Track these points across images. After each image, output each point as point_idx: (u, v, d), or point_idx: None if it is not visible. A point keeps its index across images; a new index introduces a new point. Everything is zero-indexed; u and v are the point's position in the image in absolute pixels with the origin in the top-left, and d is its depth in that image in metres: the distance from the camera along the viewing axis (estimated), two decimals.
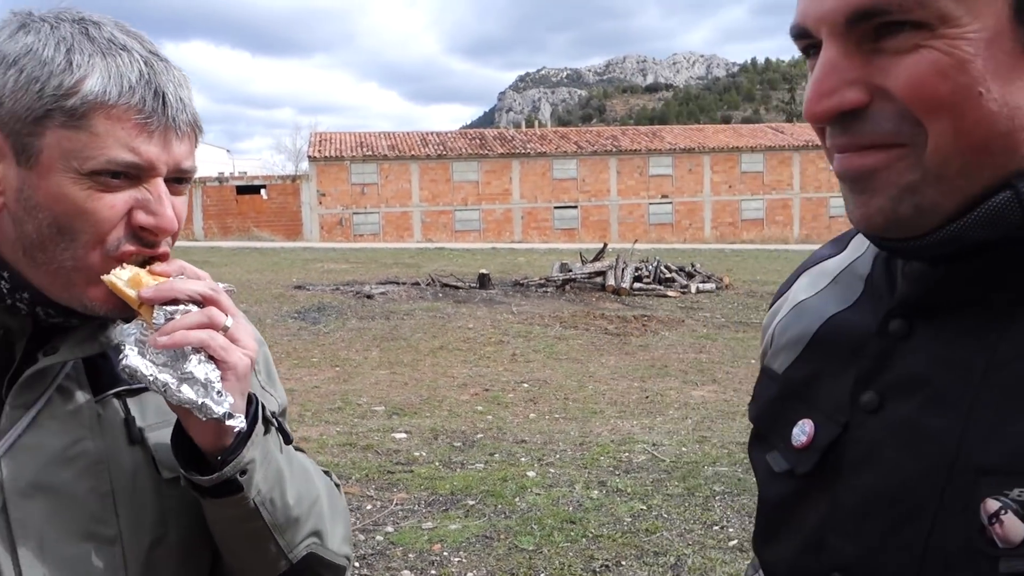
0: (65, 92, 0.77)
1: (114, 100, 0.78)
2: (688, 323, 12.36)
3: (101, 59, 0.79)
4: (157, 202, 0.81)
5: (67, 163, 0.78)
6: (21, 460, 0.80)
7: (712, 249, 31.23)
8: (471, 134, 46.46)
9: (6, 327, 0.84)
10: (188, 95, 0.84)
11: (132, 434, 0.88)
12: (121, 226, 0.81)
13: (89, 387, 0.87)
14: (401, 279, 16.69)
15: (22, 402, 0.82)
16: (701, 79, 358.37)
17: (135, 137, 0.79)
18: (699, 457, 5.62)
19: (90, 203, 0.79)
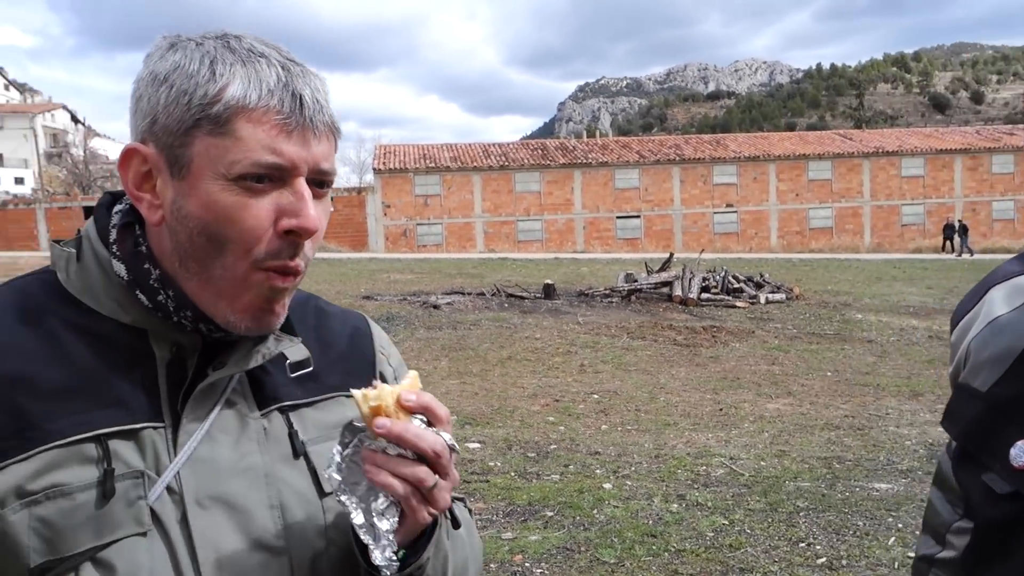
0: (210, 100, 0.80)
1: (254, 103, 0.80)
2: (759, 334, 12.13)
3: (241, 67, 0.81)
4: (299, 202, 0.82)
5: (214, 169, 0.80)
6: (198, 472, 0.83)
7: (779, 259, 30.63)
8: (533, 144, 46.57)
9: (179, 344, 0.86)
10: (325, 98, 0.85)
11: (296, 448, 0.90)
12: (268, 236, 0.81)
13: (254, 401, 0.89)
14: (466, 289, 16.80)
15: (196, 416, 0.84)
16: (764, 86, 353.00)
17: (275, 137, 0.80)
18: (779, 472, 5.50)
19: (237, 209, 0.81)
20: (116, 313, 0.85)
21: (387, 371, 1.07)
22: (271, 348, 0.89)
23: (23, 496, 0.76)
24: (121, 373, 0.83)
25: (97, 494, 0.77)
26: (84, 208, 39.79)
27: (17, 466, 0.76)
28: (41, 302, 0.86)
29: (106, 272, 0.86)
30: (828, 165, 42.91)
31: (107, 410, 0.80)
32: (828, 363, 9.97)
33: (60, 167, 68.40)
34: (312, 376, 0.95)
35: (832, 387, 8.62)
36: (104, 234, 0.87)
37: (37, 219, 39.40)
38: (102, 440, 0.79)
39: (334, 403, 0.96)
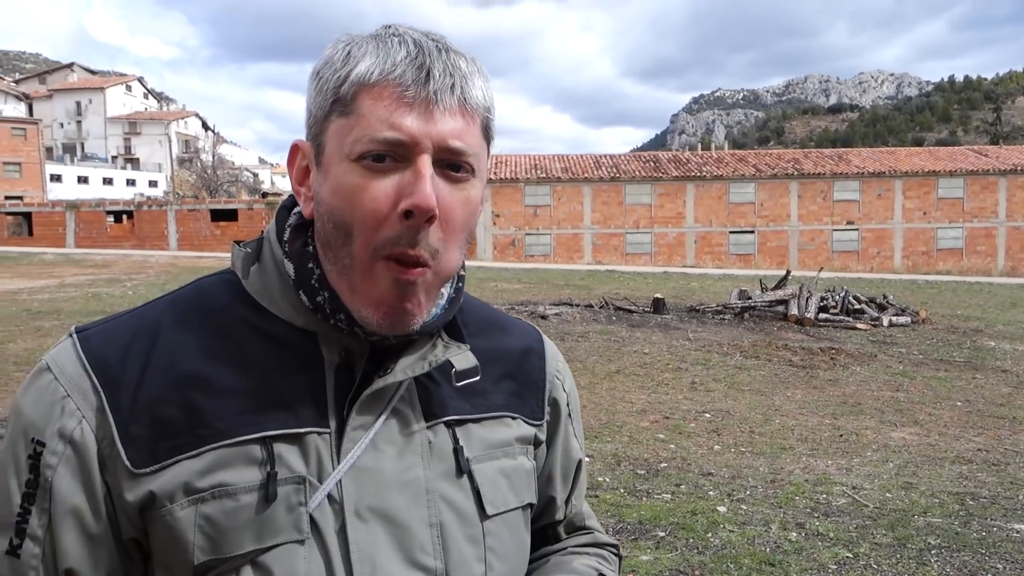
0: (338, 83, 0.78)
1: (376, 79, 0.77)
2: (881, 358, 11.55)
3: (374, 47, 0.79)
4: (416, 180, 0.76)
5: (340, 152, 0.78)
6: (360, 482, 0.81)
7: (903, 280, 29.15)
8: (645, 156, 46.09)
9: (348, 348, 0.84)
10: (464, 77, 0.79)
11: (460, 465, 0.86)
12: (391, 220, 0.77)
13: (421, 411, 0.86)
14: (574, 301, 16.74)
15: (361, 423, 0.82)
16: (890, 99, 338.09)
17: (395, 111, 0.76)
18: (907, 505, 5.20)
19: (357, 194, 0.77)
20: (291, 316, 0.84)
21: (560, 396, 1.02)
22: (438, 355, 0.85)
23: (191, 493, 0.77)
24: (291, 376, 0.82)
25: (259, 497, 0.77)
26: (211, 211, 42.00)
27: (188, 462, 0.77)
28: (222, 302, 0.86)
29: (281, 274, 0.85)
30: (960, 183, 40.57)
31: (275, 412, 0.80)
32: (958, 392, 9.39)
33: (190, 171, 72.51)
34: (479, 391, 0.91)
35: (963, 418, 8.11)
36: (282, 235, 0.87)
37: (168, 220, 41.82)
38: (268, 442, 0.79)
39: (499, 423, 0.93)
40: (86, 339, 0.82)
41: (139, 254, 33.43)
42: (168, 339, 0.82)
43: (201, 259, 30.94)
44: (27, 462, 0.78)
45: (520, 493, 0.92)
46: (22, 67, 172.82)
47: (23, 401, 0.81)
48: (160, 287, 19.10)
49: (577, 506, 1.08)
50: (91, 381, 0.79)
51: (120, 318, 0.86)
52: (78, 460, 0.78)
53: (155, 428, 0.78)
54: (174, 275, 22.95)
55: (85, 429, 0.78)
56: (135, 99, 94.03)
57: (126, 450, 0.77)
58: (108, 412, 0.78)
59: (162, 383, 0.79)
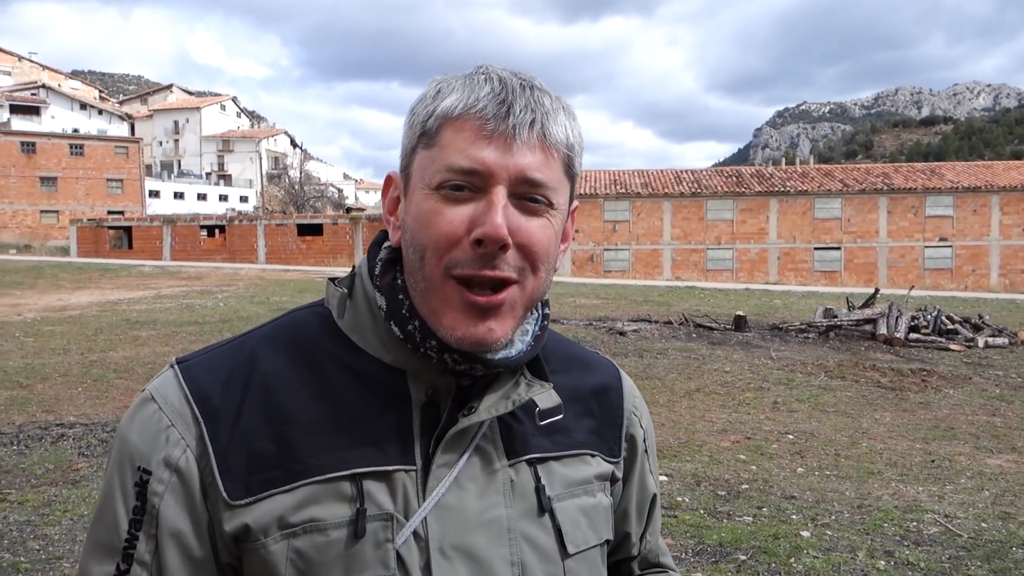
0: (426, 117, 0.83)
1: (459, 112, 0.80)
2: (976, 381, 11.06)
3: (461, 84, 0.82)
4: (488, 211, 0.78)
5: (422, 180, 0.82)
6: (444, 520, 0.82)
7: (1000, 299, 27.79)
8: (727, 171, 45.37)
9: (434, 387, 0.86)
10: (547, 114, 0.81)
11: (542, 503, 0.87)
12: (463, 244, 0.79)
13: (503, 449, 0.88)
14: (653, 317, 16.59)
15: (446, 461, 0.83)
16: (987, 111, 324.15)
17: (473, 143, 0.79)
18: (1004, 536, 4.97)
19: (433, 217, 0.80)
20: (380, 352, 0.86)
21: (637, 433, 1.03)
22: (522, 394, 0.86)
23: (284, 527, 0.79)
24: (379, 413, 0.84)
25: (349, 533, 0.79)
26: (297, 225, 43.29)
27: (281, 496, 0.80)
28: (314, 336, 0.89)
29: (372, 310, 0.87)
30: None
31: (363, 449, 0.82)
32: None
33: (279, 187, 74.85)
34: (560, 428, 0.92)
35: None
36: (373, 270, 0.89)
37: (257, 234, 43.30)
38: (357, 479, 0.81)
39: (579, 460, 0.93)
40: (187, 370, 0.86)
41: (230, 267, 34.69)
42: (263, 373, 0.85)
43: (287, 272, 31.91)
44: (134, 489, 0.81)
45: (599, 530, 0.93)
46: (125, 88, 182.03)
47: (129, 430, 0.84)
48: (249, 299, 19.79)
49: (652, 542, 1.09)
50: (192, 411, 0.82)
51: (218, 349, 0.90)
52: (183, 488, 0.81)
53: (250, 461, 0.81)
54: (262, 287, 23.73)
55: (189, 458, 0.81)
56: (229, 118, 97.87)
57: (223, 481, 0.80)
58: (208, 443, 0.81)
59: (258, 416, 0.82)
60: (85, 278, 26.66)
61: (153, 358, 11.15)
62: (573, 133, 0.85)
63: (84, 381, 9.65)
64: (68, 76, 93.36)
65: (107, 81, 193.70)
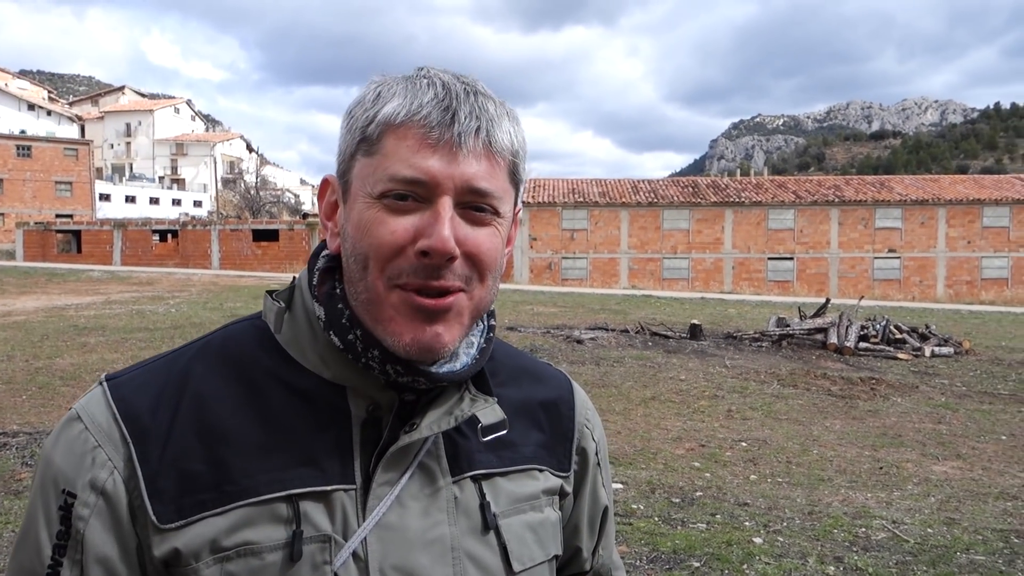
0: (366, 122, 0.80)
1: (402, 119, 0.77)
2: (923, 389, 11.33)
3: (403, 89, 0.79)
4: (434, 223, 0.76)
5: (363, 189, 0.79)
6: (385, 540, 0.80)
7: (946, 309, 28.56)
8: (683, 182, 45.97)
9: (375, 403, 0.83)
10: (491, 120, 0.79)
11: (487, 521, 0.85)
12: (407, 254, 0.77)
13: (447, 467, 0.85)
14: (610, 325, 16.70)
15: (387, 480, 0.81)
16: (934, 126, 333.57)
17: (417, 152, 0.77)
18: (948, 541, 5.09)
19: (375, 227, 0.78)
20: (319, 368, 0.83)
21: (589, 446, 1.01)
22: (465, 410, 0.84)
23: (217, 551, 0.76)
24: (317, 431, 0.81)
25: (284, 556, 0.76)
26: (253, 231, 42.73)
27: (214, 519, 0.77)
28: (250, 351, 0.85)
29: (311, 323, 0.84)
30: (1006, 211, 39.79)
31: (301, 469, 0.79)
32: (1003, 426, 9.17)
33: (234, 192, 73.87)
34: (507, 443, 0.90)
35: (1007, 452, 7.92)
36: (312, 280, 0.86)
37: (211, 240, 42.65)
38: (294, 500, 0.78)
39: (526, 476, 0.91)
40: (116, 387, 0.82)
41: (182, 272, 34.08)
42: (196, 390, 0.82)
43: (242, 278, 31.45)
44: (58, 513, 0.78)
45: (546, 546, 0.91)
46: (76, 89, 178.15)
47: (53, 451, 0.80)
48: (202, 305, 19.46)
49: (605, 556, 1.07)
50: (120, 431, 0.79)
51: (150, 365, 0.86)
52: (110, 511, 0.77)
53: (181, 482, 0.77)
54: (215, 293, 23.35)
55: (117, 480, 0.77)
56: (183, 121, 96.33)
57: (152, 504, 0.77)
58: (136, 464, 0.77)
59: (189, 436, 0.79)
60: (31, 283, 25.96)
61: (101, 365, 10.89)
62: (517, 139, 0.83)
63: (28, 388, 9.38)
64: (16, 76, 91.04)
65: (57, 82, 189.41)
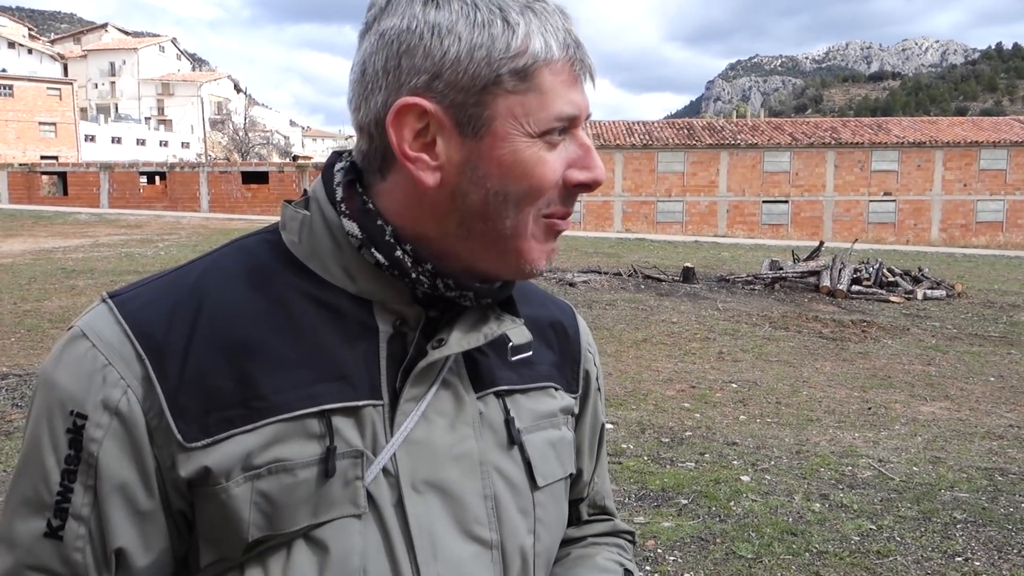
0: (514, 54, 0.75)
1: (557, 55, 0.77)
2: (914, 332, 11.40)
3: (534, 17, 0.76)
4: (588, 155, 0.80)
5: (519, 127, 0.76)
6: (414, 455, 0.79)
7: (940, 252, 28.65)
8: (679, 124, 45.49)
9: (402, 318, 0.82)
10: None
11: (512, 436, 0.85)
12: (558, 188, 0.80)
13: (470, 383, 0.84)
14: (603, 269, 16.68)
15: (413, 395, 0.80)
16: (934, 67, 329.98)
17: (571, 87, 0.78)
18: (933, 479, 5.14)
19: (536, 164, 0.77)
20: (343, 282, 0.80)
21: (591, 370, 1.02)
22: (493, 329, 0.83)
23: (248, 469, 0.74)
24: (345, 346, 0.79)
25: (318, 472, 0.75)
26: (242, 173, 42.31)
27: (243, 437, 0.74)
28: (268, 264, 0.81)
29: (335, 237, 0.80)
30: (1003, 154, 39.57)
31: (331, 384, 0.77)
32: (991, 367, 9.25)
33: (222, 134, 72.96)
34: (525, 361, 0.90)
35: (995, 393, 8.00)
36: (332, 195, 0.82)
37: (200, 182, 42.22)
38: (326, 416, 0.76)
39: (545, 394, 0.92)
40: (122, 304, 0.78)
41: (171, 215, 33.84)
42: (215, 304, 0.78)
43: (232, 221, 31.26)
44: (66, 436, 0.73)
45: (565, 464, 0.91)
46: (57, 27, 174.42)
47: (55, 372, 0.76)
48: (192, 248, 19.34)
49: (600, 484, 1.07)
50: (134, 348, 0.75)
51: (155, 281, 0.82)
52: (126, 432, 0.73)
53: (206, 400, 0.74)
54: (205, 236, 23.22)
55: (131, 399, 0.74)
56: (169, 60, 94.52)
57: (177, 423, 0.73)
58: (155, 382, 0.74)
59: (211, 352, 0.75)
60: (17, 225, 25.75)
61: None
62: None
63: (17, 331, 9.35)
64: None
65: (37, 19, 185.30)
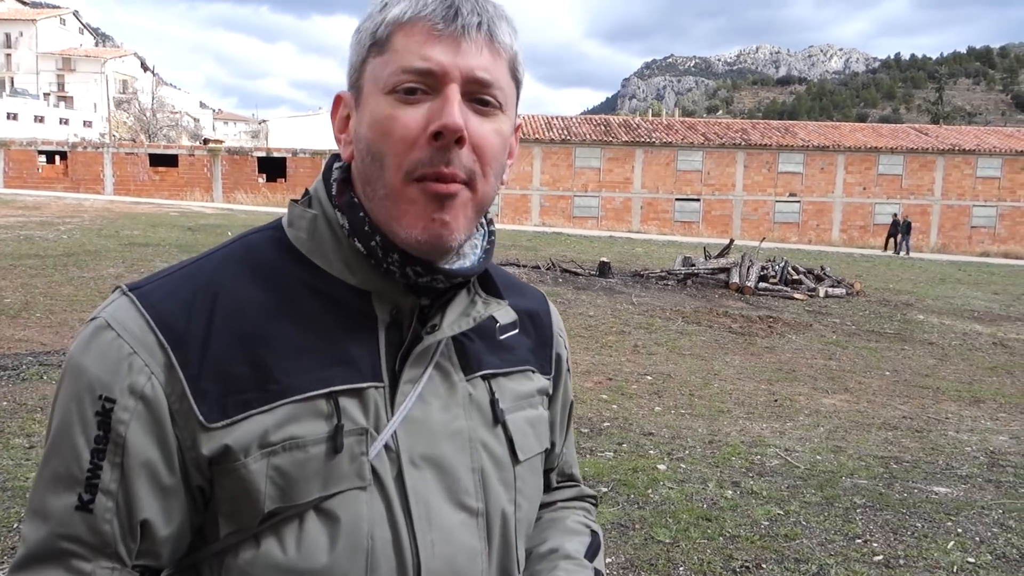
0: (374, 28, 0.84)
1: (409, 16, 0.82)
2: (816, 328, 11.95)
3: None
4: (444, 106, 0.80)
5: (374, 87, 0.83)
6: (412, 432, 0.86)
7: (841, 252, 29.99)
8: (596, 120, 46.13)
9: (398, 307, 0.89)
10: (492, 17, 0.84)
11: (496, 415, 0.93)
12: (420, 144, 0.81)
13: (459, 366, 0.92)
14: (521, 262, 16.82)
15: (411, 377, 0.87)
16: (837, 74, 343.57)
17: (424, 44, 0.81)
18: (835, 467, 5.45)
19: (389, 122, 0.82)
20: (344, 275, 0.88)
21: (562, 353, 1.09)
22: (481, 311, 0.91)
23: (264, 446, 0.80)
24: (348, 333, 0.86)
25: (327, 448, 0.82)
26: (150, 155, 40.75)
27: (260, 416, 0.81)
28: (273, 259, 0.89)
29: (334, 232, 0.88)
30: (900, 160, 41.69)
31: (338, 368, 0.84)
32: (887, 362, 9.79)
33: (128, 114, 69.98)
34: (505, 346, 0.98)
35: (890, 387, 8.48)
36: (330, 191, 0.90)
37: (104, 163, 40.46)
38: (334, 397, 0.83)
39: (523, 376, 1.00)
40: (143, 296, 0.84)
41: (73, 197, 32.29)
42: (229, 297, 0.84)
43: (139, 205, 30.06)
44: (95, 418, 0.79)
45: (541, 440, 1.00)
46: None
47: (83, 358, 0.81)
48: (96, 232, 18.55)
49: (568, 454, 1.17)
50: (156, 338, 0.81)
51: (171, 275, 0.88)
52: (150, 415, 0.80)
53: (225, 384, 0.80)
54: (111, 220, 22.27)
55: (155, 385, 0.80)
56: (70, 34, 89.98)
57: (199, 406, 0.80)
58: (177, 368, 0.80)
59: (228, 341, 0.82)
60: None
61: None
62: (516, 41, 0.88)
63: None
64: None
65: None
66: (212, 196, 39.78)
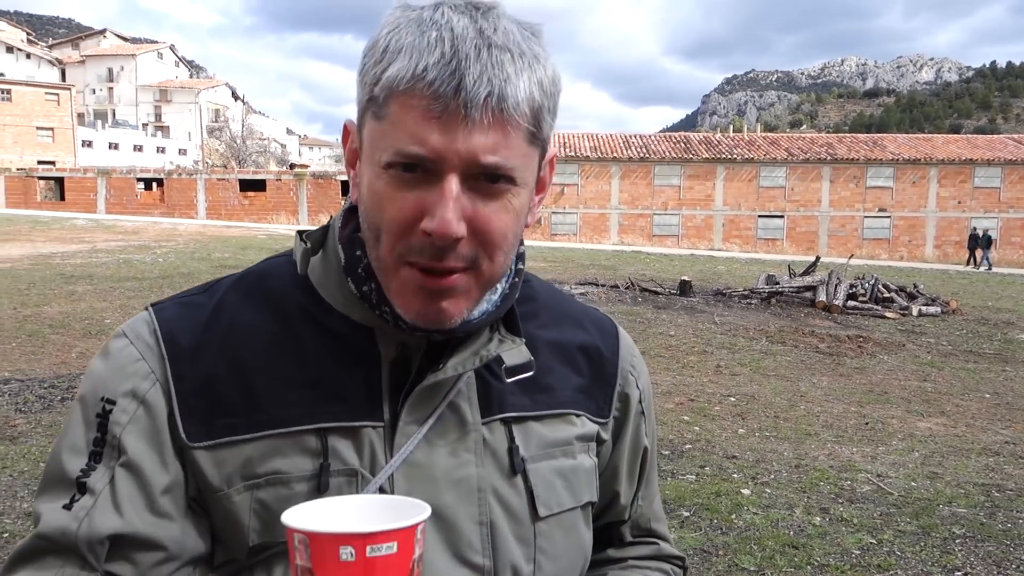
0: (374, 81, 0.73)
1: (407, 85, 0.70)
2: (909, 348, 11.46)
3: (412, 40, 0.71)
4: (439, 202, 0.72)
5: (373, 155, 0.75)
6: (411, 477, 0.80)
7: (934, 269, 28.77)
8: (675, 137, 45.70)
9: (404, 344, 0.83)
10: (507, 80, 0.71)
11: (514, 464, 0.85)
12: (415, 231, 0.74)
13: (479, 408, 0.85)
14: (599, 281, 16.72)
15: (414, 418, 0.81)
16: (928, 84, 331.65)
17: (421, 124, 0.71)
18: (932, 495, 5.19)
19: (385, 199, 0.75)
20: (347, 309, 0.84)
21: (632, 393, 0.97)
22: (491, 350, 0.83)
23: (248, 478, 0.79)
24: (347, 370, 0.82)
25: (311, 487, 0.78)
26: (240, 180, 42.34)
27: (245, 446, 0.79)
28: (284, 288, 0.86)
29: (340, 266, 0.84)
30: (998, 172, 39.84)
31: (330, 404, 0.81)
32: (987, 384, 9.31)
33: (219, 141, 72.92)
34: (544, 387, 0.89)
35: (991, 410, 8.05)
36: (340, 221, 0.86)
37: (197, 189, 42.24)
38: (322, 433, 0.80)
39: (562, 420, 0.90)
40: (160, 311, 0.85)
41: (168, 222, 33.80)
42: (231, 322, 0.84)
43: (229, 228, 31.24)
44: (96, 420, 0.80)
45: (578, 493, 0.90)
46: (55, 32, 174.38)
47: (96, 364, 0.83)
48: (190, 255, 19.35)
49: (645, 507, 1.04)
50: (160, 350, 0.82)
51: (190, 295, 0.89)
52: (148, 420, 0.79)
53: (212, 405, 0.80)
54: (203, 243, 23.21)
55: (158, 390, 0.80)
56: (167, 67, 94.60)
57: (183, 423, 0.79)
58: (171, 382, 0.80)
59: (223, 364, 0.81)
60: (15, 231, 25.69)
61: (90, 313, 10.84)
62: (541, 90, 0.74)
63: (18, 336, 9.34)
64: None
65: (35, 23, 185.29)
66: (298, 219, 41.02)
